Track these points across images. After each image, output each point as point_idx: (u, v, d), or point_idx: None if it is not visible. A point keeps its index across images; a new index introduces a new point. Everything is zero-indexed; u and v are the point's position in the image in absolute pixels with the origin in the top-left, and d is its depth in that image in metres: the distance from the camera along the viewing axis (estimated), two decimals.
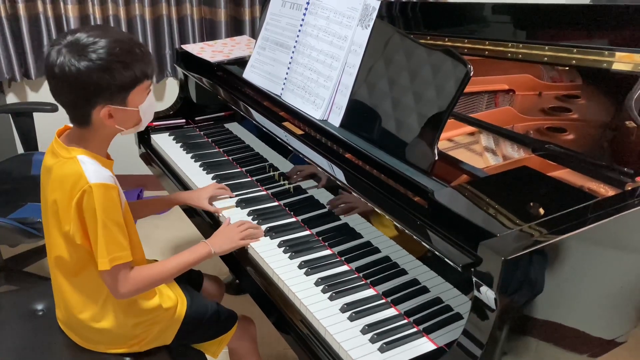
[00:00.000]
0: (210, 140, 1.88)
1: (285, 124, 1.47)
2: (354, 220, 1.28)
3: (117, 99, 1.10)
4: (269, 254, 1.30)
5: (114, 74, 1.06)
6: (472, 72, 1.11)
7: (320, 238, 1.35)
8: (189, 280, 1.49)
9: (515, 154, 1.31)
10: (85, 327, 1.22)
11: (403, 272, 1.17)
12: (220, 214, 1.47)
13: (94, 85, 1.06)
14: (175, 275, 1.25)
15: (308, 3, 1.51)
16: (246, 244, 1.33)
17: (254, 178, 1.64)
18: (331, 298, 1.16)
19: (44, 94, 2.75)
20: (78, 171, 1.08)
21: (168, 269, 1.22)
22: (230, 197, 1.53)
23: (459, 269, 0.92)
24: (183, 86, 2.02)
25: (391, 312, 1.13)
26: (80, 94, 1.07)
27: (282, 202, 1.50)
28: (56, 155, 1.13)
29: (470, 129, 1.42)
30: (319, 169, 1.30)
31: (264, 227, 1.38)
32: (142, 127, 1.20)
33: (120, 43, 1.08)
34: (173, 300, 1.29)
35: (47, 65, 1.07)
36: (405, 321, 1.10)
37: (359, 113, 1.34)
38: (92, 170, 1.08)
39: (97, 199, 1.06)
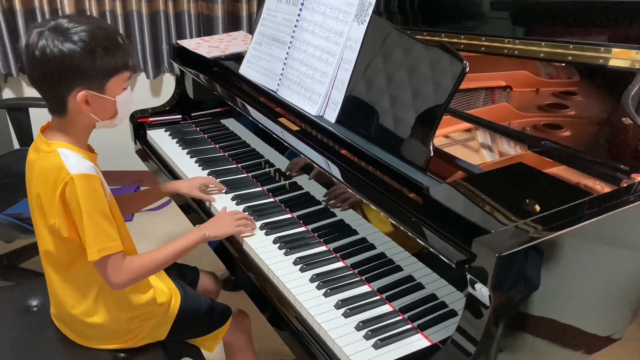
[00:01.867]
0: (206, 136, 1.88)
1: (281, 119, 1.46)
2: (350, 217, 1.27)
3: (95, 85, 1.09)
4: (264, 250, 1.30)
5: (95, 58, 1.06)
6: (467, 68, 1.11)
7: (315, 234, 1.34)
8: (185, 275, 1.48)
9: (512, 150, 1.31)
10: (78, 322, 1.21)
11: (398, 269, 1.16)
12: (212, 203, 1.47)
13: (74, 67, 1.05)
14: (170, 262, 1.23)
15: None
16: (240, 232, 1.33)
17: (250, 174, 1.63)
18: (326, 294, 1.16)
19: None
20: (59, 164, 1.07)
21: (163, 256, 1.20)
22: (223, 192, 1.53)
23: (453, 265, 0.92)
24: (179, 82, 2.01)
25: (386, 308, 1.13)
26: (59, 76, 1.06)
27: (277, 199, 1.50)
28: (38, 150, 1.13)
29: (466, 125, 1.42)
30: (314, 165, 1.29)
31: (259, 223, 1.38)
32: (117, 122, 1.18)
33: (103, 30, 1.09)
34: (167, 295, 1.29)
35: (27, 47, 1.05)
36: (400, 318, 1.10)
37: (354, 109, 1.34)
38: (73, 161, 1.08)
39: (80, 190, 1.06)
